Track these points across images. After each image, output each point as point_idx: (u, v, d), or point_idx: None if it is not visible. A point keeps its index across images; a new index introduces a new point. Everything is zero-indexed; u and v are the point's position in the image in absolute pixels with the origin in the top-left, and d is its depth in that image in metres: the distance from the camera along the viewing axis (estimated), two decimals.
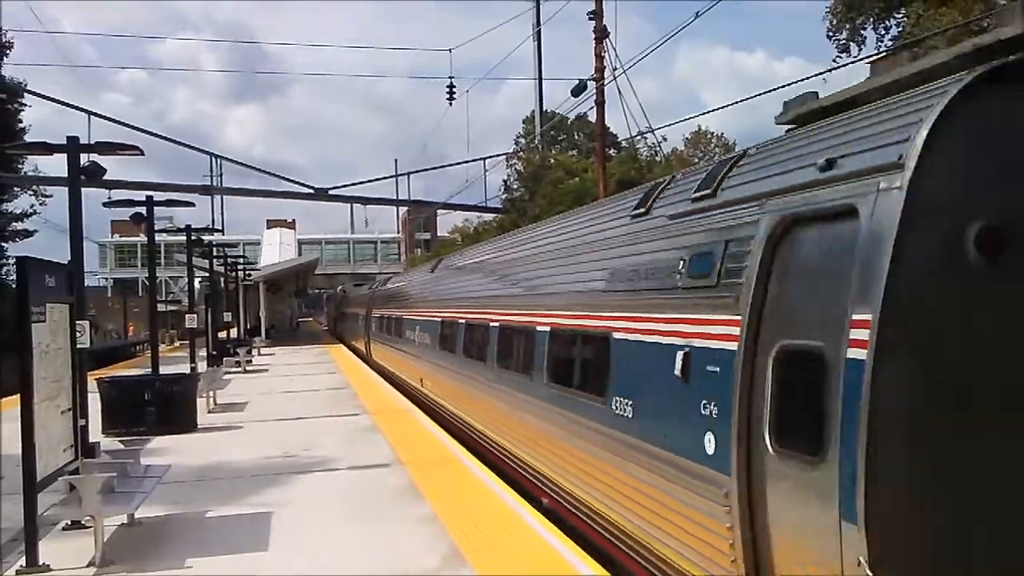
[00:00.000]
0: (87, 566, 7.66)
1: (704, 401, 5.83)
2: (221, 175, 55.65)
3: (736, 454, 5.36)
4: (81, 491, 7.96)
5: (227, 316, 38.65)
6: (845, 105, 5.97)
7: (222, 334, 36.85)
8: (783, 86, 32.66)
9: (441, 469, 11.53)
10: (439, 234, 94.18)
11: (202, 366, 24.34)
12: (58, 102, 49.94)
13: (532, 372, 10.31)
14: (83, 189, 11.09)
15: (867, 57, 24.72)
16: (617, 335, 7.64)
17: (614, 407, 7.48)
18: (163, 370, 17.75)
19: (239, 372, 28.53)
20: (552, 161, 49.85)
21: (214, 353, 29.65)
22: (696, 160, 50.27)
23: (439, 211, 71.76)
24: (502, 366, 12.01)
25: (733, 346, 5.54)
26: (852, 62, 24.52)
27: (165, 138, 60.09)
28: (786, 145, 6.14)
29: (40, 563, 7.58)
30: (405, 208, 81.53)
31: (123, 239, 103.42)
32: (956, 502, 4.25)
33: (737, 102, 47.96)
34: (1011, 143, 4.43)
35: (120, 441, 11.61)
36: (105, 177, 12.23)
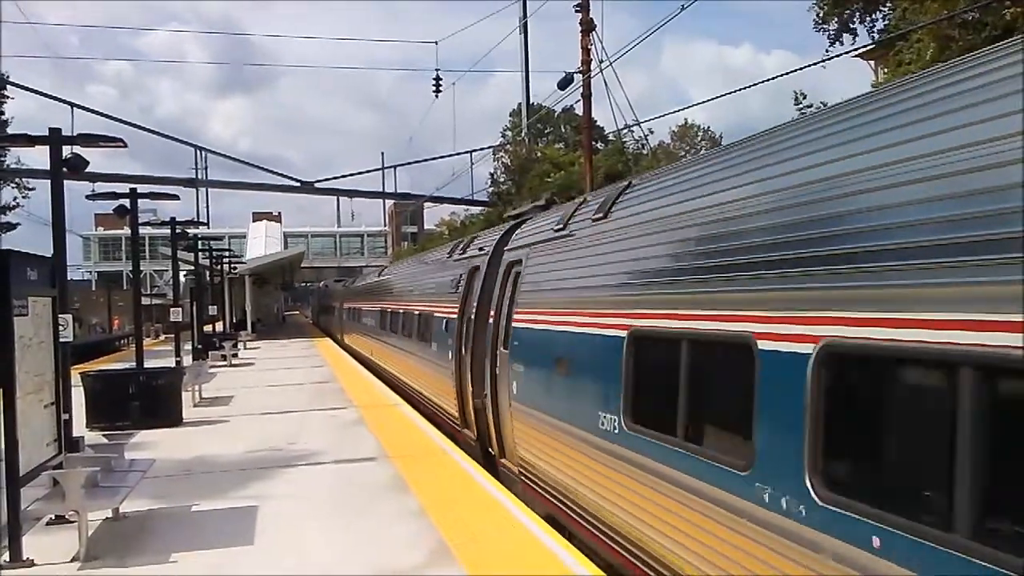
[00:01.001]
0: (71, 561, 7.62)
1: (450, 339, 14.21)
2: (206, 168, 55.45)
3: (455, 357, 13.69)
4: (65, 485, 7.91)
5: (212, 310, 38.41)
6: (520, 215, 13.78)
7: (207, 328, 36.66)
8: (770, 79, 32.81)
9: (428, 462, 11.52)
10: (426, 227, 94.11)
11: (187, 360, 24.23)
12: (41, 94, 49.64)
13: (412, 335, 19.07)
14: (66, 182, 11.02)
15: (857, 49, 24.90)
16: (435, 314, 16.10)
17: (432, 346, 16.18)
18: (148, 364, 17.65)
19: (225, 366, 28.42)
20: (539, 154, 49.83)
21: (199, 347, 29.50)
22: (683, 153, 50.29)
23: (426, 204, 71.69)
24: (402, 335, 20.76)
25: (456, 316, 13.93)
26: (842, 54, 24.58)
27: (150, 131, 59.80)
28: (478, 237, 15.69)
29: (24, 558, 7.54)
30: (392, 201, 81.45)
31: (107, 232, 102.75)
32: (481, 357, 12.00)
33: (722, 95, 48.18)
34: (517, 246, 11.44)
35: (104, 435, 11.56)
36: (89, 170, 12.11)
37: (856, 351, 4.36)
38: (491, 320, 11.78)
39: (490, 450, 12.04)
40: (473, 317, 12.86)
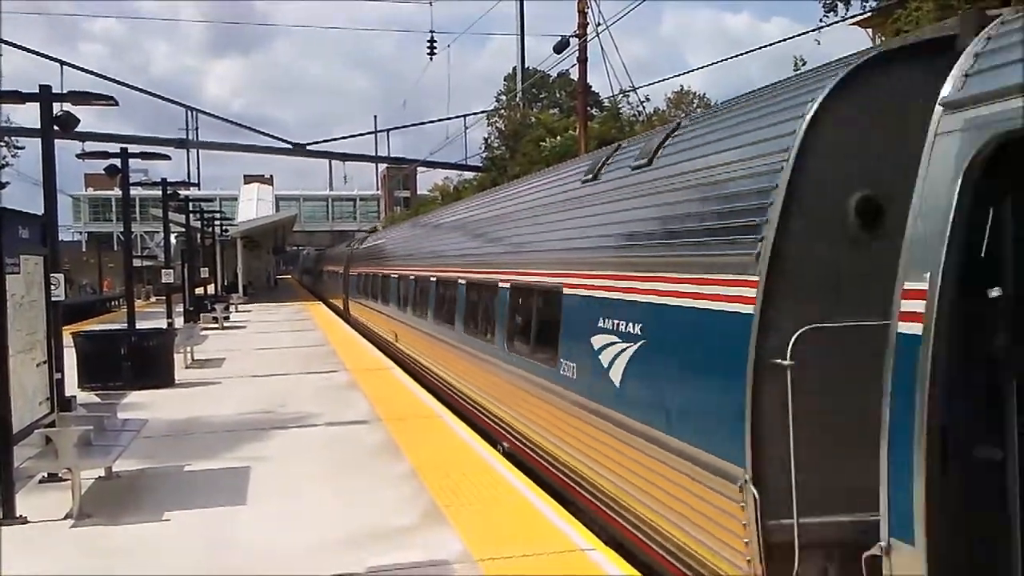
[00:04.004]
0: (64, 518, 7.66)
1: (342, 283, 35.89)
2: (197, 129, 54.97)
3: (342, 286, 35.74)
4: (57, 444, 7.92)
5: (204, 272, 38.33)
6: (370, 232, 46.06)
7: (199, 290, 36.61)
8: (766, 45, 32.62)
9: (420, 425, 11.58)
10: (419, 191, 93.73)
11: (179, 322, 24.20)
12: (30, 51, 48.91)
13: (334, 279, 41.31)
14: (57, 141, 10.89)
15: (854, 16, 24.68)
16: (338, 271, 38.86)
17: (339, 282, 37.32)
18: (139, 326, 17.62)
19: (216, 328, 28.42)
20: (533, 119, 49.50)
21: (191, 309, 29.47)
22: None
23: (419, 168, 71.29)
24: (331, 280, 42.85)
25: (342, 271, 36.24)
26: (836, 22, 24.36)
27: (142, 90, 59.13)
28: (354, 238, 44.42)
29: (17, 515, 7.57)
30: (385, 165, 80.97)
31: (97, 192, 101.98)
32: (358, 300, 30.72)
33: (719, 61, 48.04)
34: (357, 243, 38.89)
35: (97, 395, 11.57)
36: (79, 129, 11.98)
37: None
38: (345, 272, 33.84)
39: (347, 317, 31.09)
40: (351, 271, 32.25)
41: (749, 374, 5.10)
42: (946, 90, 4.06)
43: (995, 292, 3.85)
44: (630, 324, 6.84)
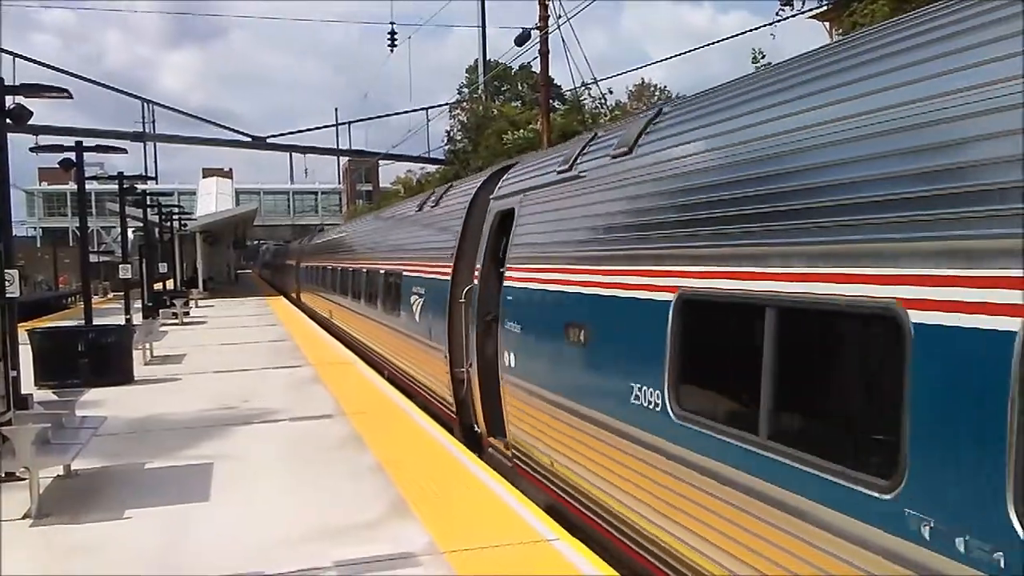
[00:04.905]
0: (23, 517, 7.54)
1: (295, 273, 42.01)
2: (154, 122, 54.10)
3: (295, 278, 41.79)
4: (14, 442, 7.78)
5: (163, 267, 37.78)
6: (322, 229, 52.91)
7: (158, 286, 36.09)
8: (726, 38, 32.99)
9: (384, 419, 11.55)
10: (381, 185, 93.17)
11: (137, 318, 23.84)
12: None
13: (288, 273, 47.46)
14: (9, 134, 10.67)
15: (810, 10, 24.98)
16: (292, 264, 46.12)
17: (292, 276, 44.08)
18: (97, 322, 17.33)
19: (176, 324, 28.07)
20: (496, 112, 49.40)
21: (150, 305, 29.05)
22: (640, 112, 50.10)
23: (381, 162, 70.83)
24: (285, 273, 50.00)
25: (295, 265, 43.28)
26: (795, 14, 24.62)
27: (96, 82, 57.88)
28: (302, 239, 51.09)
29: None
30: (346, 158, 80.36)
31: (52, 187, 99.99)
32: (310, 290, 35.13)
33: (680, 54, 48.64)
34: (304, 242, 46.90)
35: (54, 393, 11.36)
36: (32, 122, 11.75)
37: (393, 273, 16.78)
38: (297, 265, 40.51)
39: (299, 304, 36.36)
40: (300, 264, 38.76)
41: (447, 305, 11.30)
42: (495, 191, 10.43)
43: (504, 269, 9.32)
44: (420, 288, 13.26)
